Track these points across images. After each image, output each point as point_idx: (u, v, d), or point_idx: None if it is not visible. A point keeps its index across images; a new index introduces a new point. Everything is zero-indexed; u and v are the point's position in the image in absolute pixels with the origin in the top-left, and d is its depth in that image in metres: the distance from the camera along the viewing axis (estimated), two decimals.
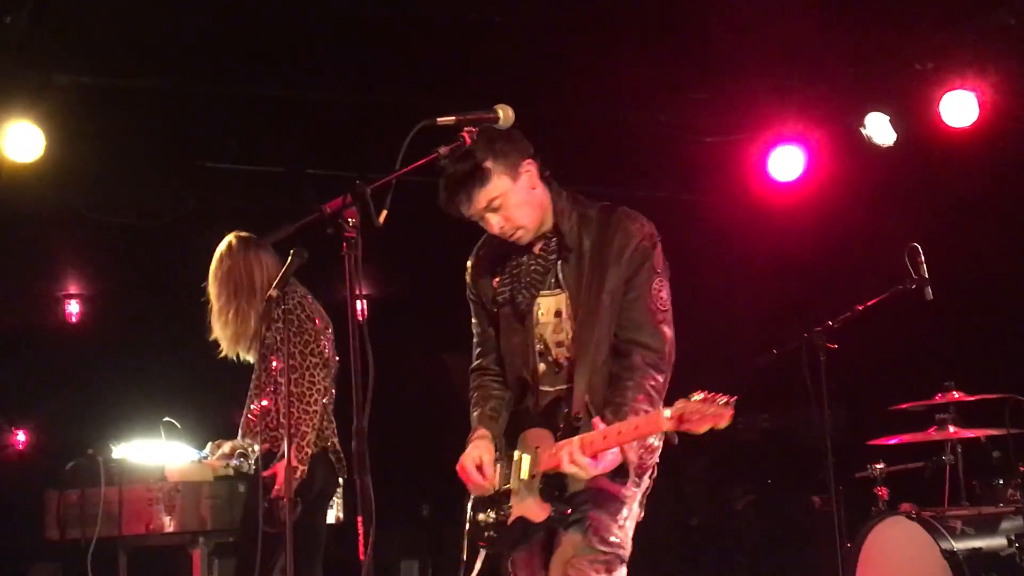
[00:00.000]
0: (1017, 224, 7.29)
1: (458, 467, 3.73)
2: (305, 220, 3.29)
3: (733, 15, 6.18)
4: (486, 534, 3.73)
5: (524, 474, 3.63)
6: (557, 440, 3.55)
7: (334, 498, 5.39)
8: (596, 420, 3.44)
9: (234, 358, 5.26)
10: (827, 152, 7.73)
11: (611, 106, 7.18)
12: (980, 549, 5.36)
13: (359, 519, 3.15)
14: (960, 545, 5.32)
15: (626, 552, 3.70)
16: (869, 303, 5.73)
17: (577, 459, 3.39)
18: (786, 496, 8.04)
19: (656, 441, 3.68)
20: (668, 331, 3.66)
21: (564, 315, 3.70)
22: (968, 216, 7.37)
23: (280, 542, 4.44)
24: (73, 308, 9.00)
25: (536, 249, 3.77)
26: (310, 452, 4.89)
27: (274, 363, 5.02)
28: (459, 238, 4.03)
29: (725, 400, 3.15)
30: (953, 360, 6.64)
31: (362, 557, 3.15)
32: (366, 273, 3.24)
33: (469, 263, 4.00)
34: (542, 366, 3.73)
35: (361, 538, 3.15)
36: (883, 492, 5.88)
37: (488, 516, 3.73)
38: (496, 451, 3.77)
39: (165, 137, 7.03)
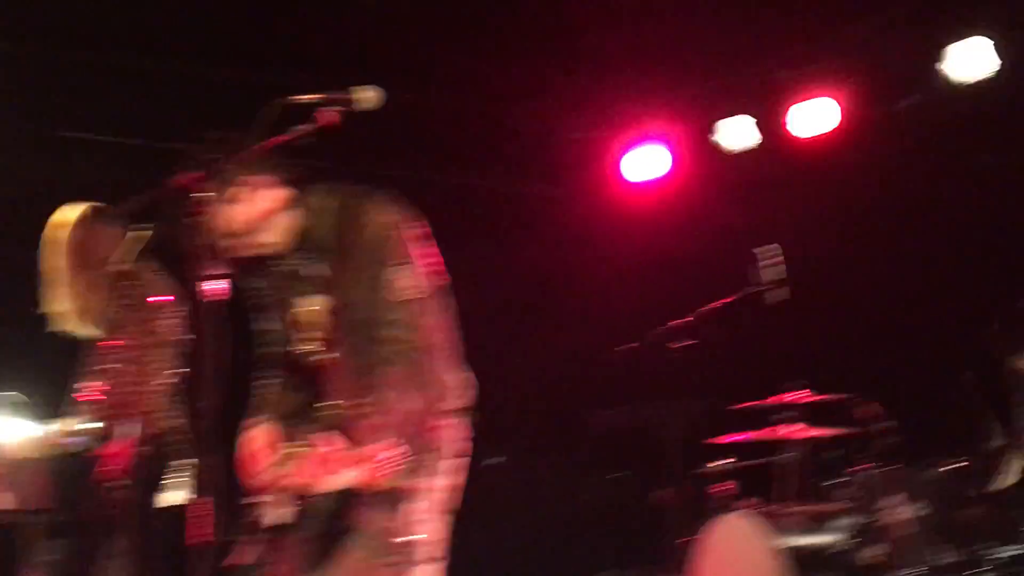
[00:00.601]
0: (868, 231, 7.52)
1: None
2: (158, 193, 3.22)
3: (599, 12, 6.24)
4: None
5: (273, 473, 3.65)
6: (312, 445, 3.52)
7: (186, 479, 5.27)
8: (317, 438, 3.47)
9: (74, 333, 5.10)
10: (688, 153, 7.87)
11: (473, 97, 7.18)
12: (817, 546, 5.53)
13: (204, 500, 3.10)
14: (798, 541, 5.48)
15: None
16: (723, 302, 5.86)
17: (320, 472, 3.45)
18: (634, 489, 8.16)
19: None
20: (423, 323, 3.59)
21: (319, 313, 3.64)
22: (823, 221, 7.58)
23: (117, 523, 4.34)
24: None
25: (284, 256, 3.71)
26: (151, 432, 4.77)
27: (118, 340, 4.88)
28: None
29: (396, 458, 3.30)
30: (800, 360, 6.82)
31: (205, 539, 3.09)
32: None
33: None
34: (301, 365, 3.70)
35: (202, 520, 3.10)
36: (727, 488, 6.01)
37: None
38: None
39: (18, 105, 6.79)
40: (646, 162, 7.89)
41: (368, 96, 3.40)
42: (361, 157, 7.20)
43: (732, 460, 6.13)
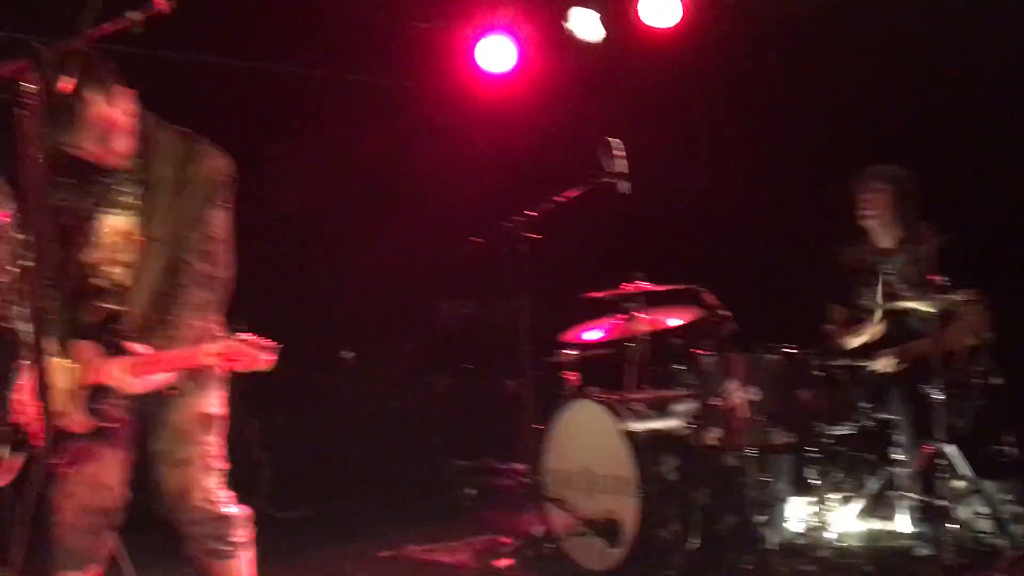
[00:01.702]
0: (712, 124, 7.64)
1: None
2: None
3: None
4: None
5: (66, 384, 3.68)
6: (108, 356, 3.68)
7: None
8: (134, 346, 3.65)
9: None
10: (536, 44, 7.83)
11: None
12: (657, 430, 5.71)
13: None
14: (639, 426, 5.65)
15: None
16: (567, 194, 5.91)
17: (118, 376, 3.61)
18: (484, 381, 8.27)
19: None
20: (224, 260, 3.87)
21: (131, 237, 3.80)
22: (665, 114, 7.67)
23: None
24: None
25: (112, 174, 3.81)
26: None
27: None
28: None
29: (270, 346, 3.55)
30: (642, 252, 6.94)
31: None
32: None
33: None
34: (100, 282, 3.80)
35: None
36: (573, 377, 6.14)
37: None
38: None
39: None
40: (497, 53, 7.83)
41: None
42: (199, 47, 6.97)
43: (577, 351, 6.25)
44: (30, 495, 3.10)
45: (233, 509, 3.96)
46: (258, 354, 3.56)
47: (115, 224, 3.81)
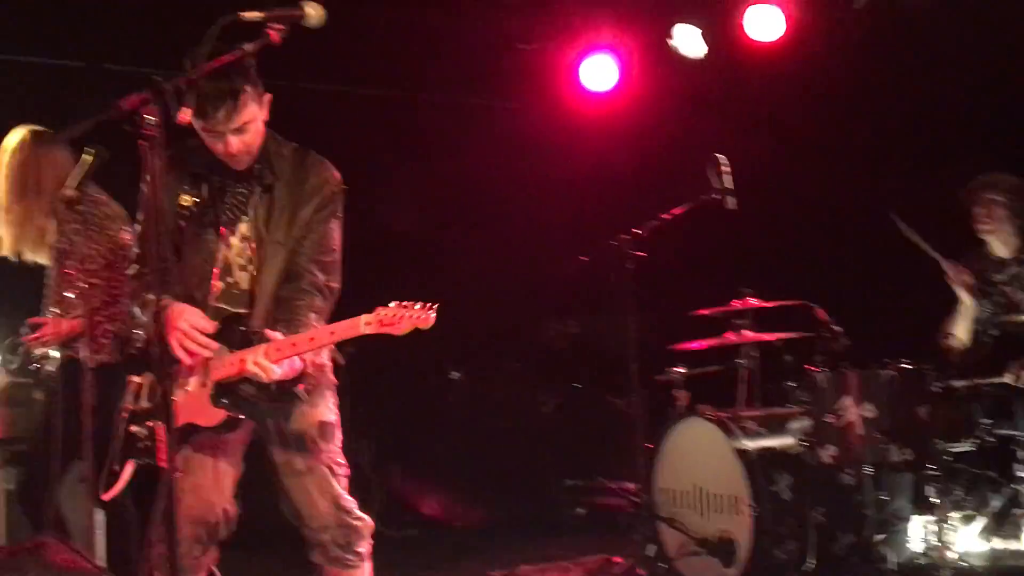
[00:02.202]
0: (817, 137, 7.54)
1: (176, 333, 3.69)
2: (101, 117, 3.16)
3: None
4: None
5: (191, 385, 3.75)
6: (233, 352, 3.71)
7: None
8: (269, 332, 3.66)
9: (17, 259, 5.04)
10: (639, 62, 7.82)
11: (422, 10, 7.08)
12: (770, 448, 5.63)
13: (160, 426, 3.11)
14: (752, 444, 5.58)
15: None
16: (674, 212, 5.88)
17: (260, 362, 3.59)
18: (591, 399, 8.25)
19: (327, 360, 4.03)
20: (335, 270, 3.94)
21: (250, 241, 3.87)
22: (771, 128, 7.59)
23: (72, 451, 4.34)
24: None
25: (237, 179, 3.88)
26: (115, 358, 4.74)
27: (70, 269, 4.82)
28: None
29: (423, 305, 3.48)
30: (751, 268, 6.88)
31: (162, 464, 3.10)
32: None
33: None
34: (220, 285, 3.86)
35: (161, 445, 3.10)
36: (682, 395, 6.10)
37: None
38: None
39: None
40: (599, 72, 7.84)
41: (317, 12, 3.35)
42: (306, 74, 7.10)
43: (685, 369, 6.21)
44: (157, 505, 3.17)
45: (360, 518, 4.01)
46: (415, 314, 3.45)
47: (240, 228, 3.88)
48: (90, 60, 7.08)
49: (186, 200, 3.85)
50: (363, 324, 3.47)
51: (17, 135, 5.03)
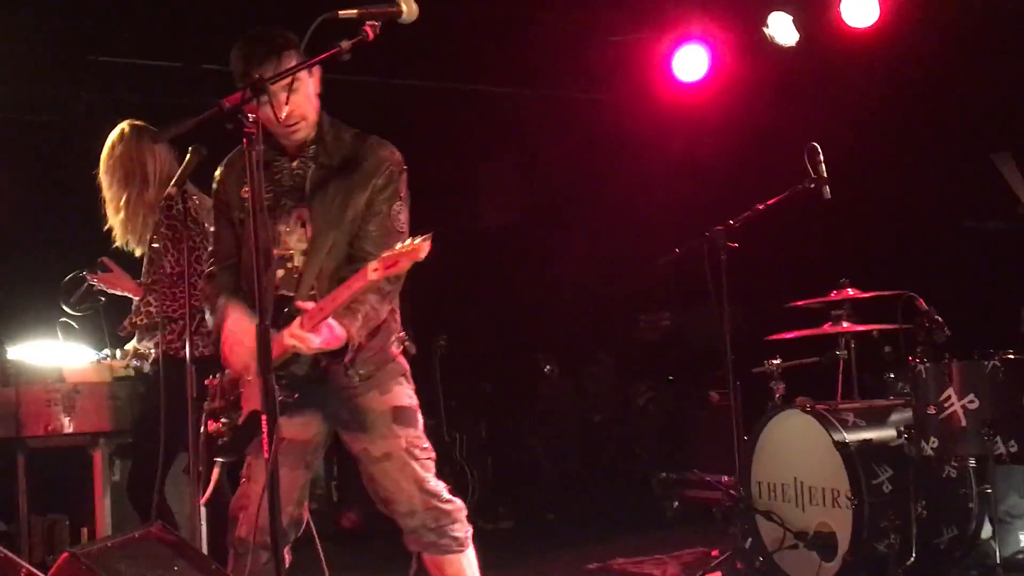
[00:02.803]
0: (913, 125, 7.41)
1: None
2: (203, 115, 3.22)
3: None
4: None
5: (251, 374, 3.73)
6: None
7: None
8: (301, 303, 3.62)
9: (127, 250, 5.16)
10: (731, 52, 7.76)
11: (516, 3, 7.10)
12: (870, 440, 5.54)
13: (263, 416, 3.16)
14: (852, 437, 5.49)
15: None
16: (769, 202, 5.81)
17: (295, 332, 3.54)
18: (686, 392, 8.20)
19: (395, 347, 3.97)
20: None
21: (306, 224, 3.82)
22: (867, 116, 7.48)
23: (177, 444, 4.43)
24: None
25: (295, 163, 3.86)
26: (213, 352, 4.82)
27: (166, 266, 4.92)
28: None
29: (420, 238, 3.39)
30: (848, 258, 6.78)
31: (266, 455, 3.15)
32: None
33: (220, 169, 4.01)
34: (281, 272, 3.83)
35: (265, 436, 3.15)
36: (779, 387, 6.02)
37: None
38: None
39: (56, 31, 6.77)
40: (691, 62, 7.80)
41: (412, 8, 3.37)
42: (399, 70, 7.16)
43: (783, 360, 6.14)
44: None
45: (450, 501, 3.94)
46: (415, 249, 3.38)
47: (298, 213, 3.84)
48: (187, 60, 7.22)
49: (247, 192, 3.77)
50: (371, 271, 3.44)
51: (117, 128, 5.16)
